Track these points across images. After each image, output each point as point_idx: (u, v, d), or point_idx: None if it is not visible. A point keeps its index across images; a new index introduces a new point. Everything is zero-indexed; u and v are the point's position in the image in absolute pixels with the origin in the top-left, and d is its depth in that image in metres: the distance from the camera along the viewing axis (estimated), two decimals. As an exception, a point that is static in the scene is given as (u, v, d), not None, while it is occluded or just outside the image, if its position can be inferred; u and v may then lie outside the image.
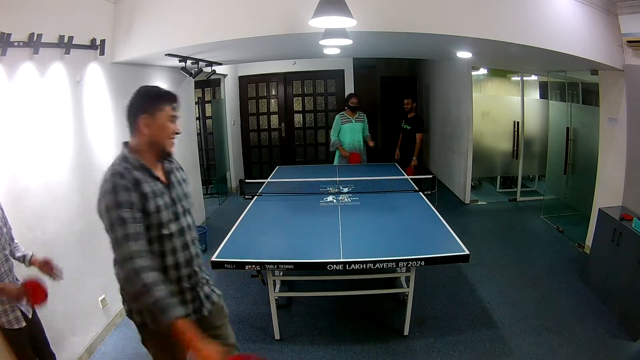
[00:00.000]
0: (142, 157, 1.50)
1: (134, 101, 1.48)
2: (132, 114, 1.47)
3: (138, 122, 1.46)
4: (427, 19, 2.53)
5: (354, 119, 5.20)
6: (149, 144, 1.50)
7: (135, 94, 1.48)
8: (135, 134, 1.50)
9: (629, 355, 2.53)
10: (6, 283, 1.76)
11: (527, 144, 5.61)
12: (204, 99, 6.49)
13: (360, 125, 5.20)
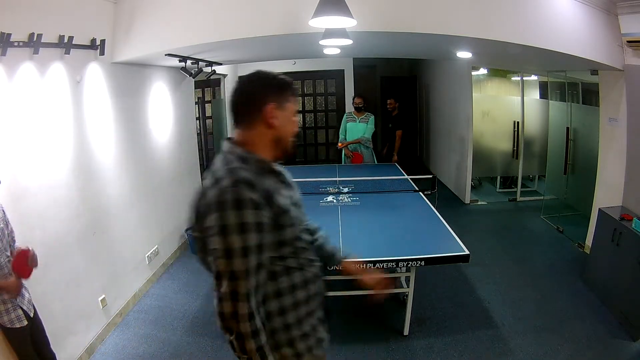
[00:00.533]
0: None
1: (256, 87, 1.18)
2: (252, 102, 1.16)
3: (264, 113, 1.15)
4: (427, 19, 2.53)
5: (358, 119, 5.23)
6: (274, 140, 1.18)
7: (255, 79, 1.19)
8: (254, 128, 1.16)
9: (629, 355, 2.53)
10: (5, 280, 1.76)
11: (527, 144, 5.61)
12: (204, 99, 6.48)
13: (363, 126, 5.18)
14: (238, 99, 1.18)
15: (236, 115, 1.18)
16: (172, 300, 3.38)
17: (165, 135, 4.07)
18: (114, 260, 3.06)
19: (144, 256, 3.54)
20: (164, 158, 4.04)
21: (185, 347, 2.75)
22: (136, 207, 3.42)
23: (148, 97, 3.70)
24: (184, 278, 3.76)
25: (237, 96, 1.18)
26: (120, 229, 3.16)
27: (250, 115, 1.16)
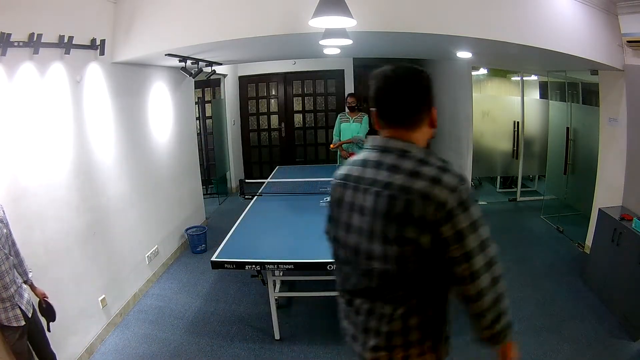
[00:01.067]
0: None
1: (425, 87, 1.08)
2: (422, 102, 1.08)
3: (432, 113, 1.10)
4: (427, 19, 2.53)
5: (352, 119, 5.15)
6: (429, 139, 1.14)
7: (423, 78, 1.08)
8: (420, 127, 1.09)
9: (629, 355, 2.53)
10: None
11: (527, 144, 5.60)
12: (204, 99, 6.48)
13: (357, 126, 5.10)
14: (414, 97, 1.07)
15: (406, 114, 1.07)
16: (172, 300, 3.38)
17: (165, 135, 4.07)
18: (114, 260, 3.06)
19: (144, 256, 3.54)
20: (164, 158, 4.04)
21: (185, 347, 2.75)
22: (136, 207, 3.42)
23: (148, 97, 3.70)
24: (184, 278, 3.76)
25: (411, 95, 1.07)
26: (120, 229, 3.16)
27: (421, 115, 1.08)
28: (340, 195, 1.15)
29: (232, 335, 2.86)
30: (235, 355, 2.65)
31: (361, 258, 1.09)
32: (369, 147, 1.13)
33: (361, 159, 1.13)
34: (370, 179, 1.06)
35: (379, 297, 1.10)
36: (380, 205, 1.02)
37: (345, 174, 1.15)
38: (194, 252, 4.32)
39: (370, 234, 1.05)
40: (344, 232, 1.14)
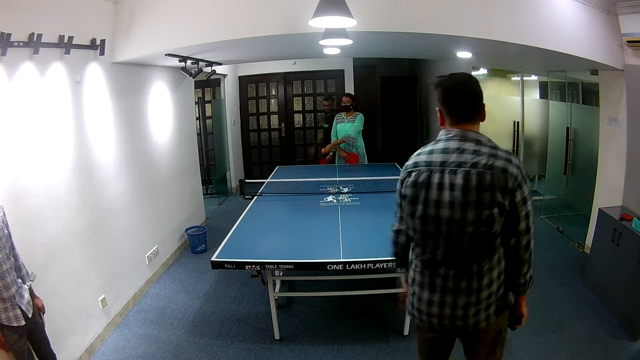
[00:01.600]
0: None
1: (480, 90, 1.42)
2: (481, 101, 1.41)
3: (484, 111, 1.42)
4: (427, 19, 2.53)
5: (347, 119, 5.16)
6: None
7: (478, 82, 1.43)
8: (478, 121, 1.42)
9: (629, 355, 2.53)
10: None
11: (527, 144, 5.60)
12: (204, 99, 6.49)
13: (350, 126, 5.10)
14: (477, 98, 1.40)
15: (473, 111, 1.40)
16: (172, 300, 3.38)
17: (165, 135, 4.07)
18: (114, 260, 3.06)
19: (144, 256, 3.54)
20: (164, 158, 4.04)
21: (185, 347, 2.75)
22: (136, 207, 3.42)
23: (148, 97, 3.70)
24: (184, 278, 3.76)
25: (475, 96, 1.40)
26: (120, 229, 3.16)
27: (481, 112, 1.41)
28: (427, 178, 1.37)
29: (232, 335, 2.86)
30: (235, 355, 2.65)
31: (455, 226, 1.34)
32: (445, 138, 1.40)
33: (440, 147, 1.39)
34: (456, 162, 1.33)
35: (467, 260, 1.38)
36: (472, 180, 1.30)
37: (426, 161, 1.39)
38: (194, 252, 4.32)
39: (464, 204, 1.32)
40: (434, 208, 1.36)
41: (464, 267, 1.38)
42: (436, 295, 1.44)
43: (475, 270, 1.38)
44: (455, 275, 1.40)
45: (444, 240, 1.38)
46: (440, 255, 1.40)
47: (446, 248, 1.38)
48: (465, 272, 1.39)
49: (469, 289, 1.39)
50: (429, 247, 1.42)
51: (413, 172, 1.42)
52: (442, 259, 1.40)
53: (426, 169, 1.38)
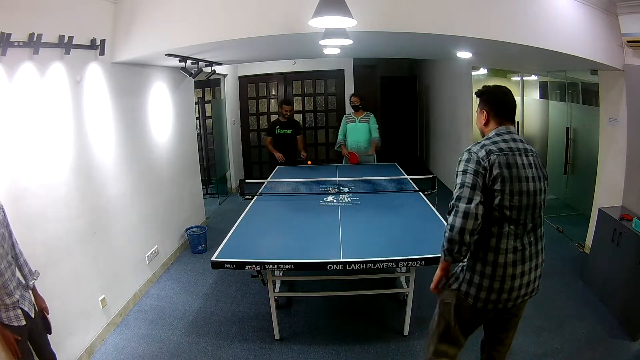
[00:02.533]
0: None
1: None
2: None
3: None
4: (427, 19, 2.53)
5: (358, 119, 5.18)
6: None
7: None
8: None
9: (629, 355, 2.53)
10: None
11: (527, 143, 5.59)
12: (204, 99, 6.49)
13: (364, 126, 5.13)
14: (515, 105, 1.77)
15: (513, 115, 1.77)
16: (172, 300, 3.38)
17: (165, 135, 4.07)
18: (114, 260, 3.06)
19: (144, 256, 3.54)
20: (164, 158, 4.04)
21: (185, 347, 2.75)
22: (136, 207, 3.42)
23: (148, 97, 3.71)
24: (184, 278, 3.76)
25: (514, 103, 1.77)
26: (120, 229, 3.16)
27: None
28: (512, 159, 1.62)
29: (232, 335, 2.86)
30: (235, 355, 2.65)
31: (538, 195, 1.65)
32: (506, 131, 1.72)
33: (508, 137, 1.69)
34: (523, 148, 1.68)
35: (540, 224, 1.71)
36: (538, 161, 1.70)
37: (508, 147, 1.65)
38: (194, 252, 4.32)
39: (539, 178, 1.68)
40: (524, 183, 1.62)
41: (537, 231, 1.71)
42: (527, 265, 1.68)
43: (540, 233, 1.72)
44: (535, 241, 1.70)
45: (533, 209, 1.65)
46: (529, 224, 1.65)
47: (532, 217, 1.66)
48: (539, 236, 1.72)
49: (542, 249, 1.74)
50: (523, 219, 1.64)
51: (500, 155, 1.62)
52: (530, 228, 1.66)
53: (510, 152, 1.63)
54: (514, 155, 1.63)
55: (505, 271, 1.65)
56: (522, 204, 1.62)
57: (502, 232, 1.64)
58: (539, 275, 1.75)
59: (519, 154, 1.64)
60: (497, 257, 1.65)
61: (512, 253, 1.65)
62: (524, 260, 1.67)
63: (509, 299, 1.69)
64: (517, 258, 1.66)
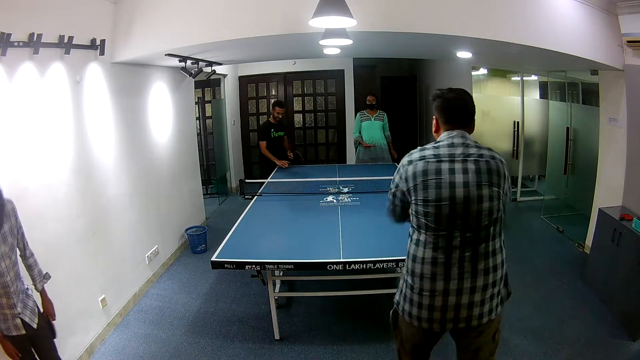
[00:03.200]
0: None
1: (474, 103, 1.62)
2: (474, 112, 1.61)
3: (474, 122, 1.62)
4: (427, 19, 2.53)
5: (373, 117, 5.43)
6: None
7: (470, 95, 1.63)
8: (471, 130, 1.61)
9: (629, 355, 2.53)
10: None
11: (527, 144, 5.60)
12: (204, 99, 6.48)
13: (378, 124, 5.41)
14: (472, 109, 1.60)
15: (468, 119, 1.59)
16: (172, 300, 3.38)
17: (165, 135, 4.07)
18: (114, 260, 3.06)
19: (144, 256, 3.54)
20: (164, 158, 4.04)
21: (185, 347, 2.75)
22: (136, 207, 3.42)
23: (148, 97, 3.70)
24: (184, 278, 3.76)
25: (471, 107, 1.60)
26: (120, 229, 3.16)
27: (473, 122, 1.61)
28: (437, 166, 1.49)
29: (232, 335, 2.86)
30: (235, 355, 2.65)
31: (472, 203, 1.45)
32: (447, 136, 1.55)
33: (445, 143, 1.53)
34: (464, 153, 1.50)
35: (484, 238, 1.47)
36: (482, 166, 1.48)
37: (434, 154, 1.52)
38: (194, 252, 4.32)
39: (478, 183, 1.46)
40: (448, 190, 1.46)
41: (480, 247, 1.47)
42: (455, 283, 1.47)
43: (490, 249, 1.48)
44: (472, 257, 1.46)
45: (461, 220, 1.45)
46: (457, 236, 1.46)
47: (463, 228, 1.45)
48: (482, 253, 1.47)
49: (487, 269, 1.48)
50: (443, 230, 1.47)
51: (420, 162, 1.51)
52: (459, 241, 1.46)
53: (435, 159, 1.50)
54: (440, 161, 1.48)
55: (422, 284, 1.51)
56: (441, 212, 1.45)
57: (419, 239, 1.53)
58: (491, 297, 1.50)
59: (449, 159, 1.48)
60: (414, 266, 1.54)
61: (429, 264, 1.49)
62: (448, 277, 1.47)
63: (444, 319, 1.51)
64: (438, 272, 1.48)
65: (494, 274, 1.49)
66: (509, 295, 1.61)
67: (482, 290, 1.48)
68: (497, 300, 1.54)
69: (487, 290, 1.49)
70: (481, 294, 1.48)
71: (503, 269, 1.53)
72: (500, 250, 1.52)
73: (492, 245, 1.49)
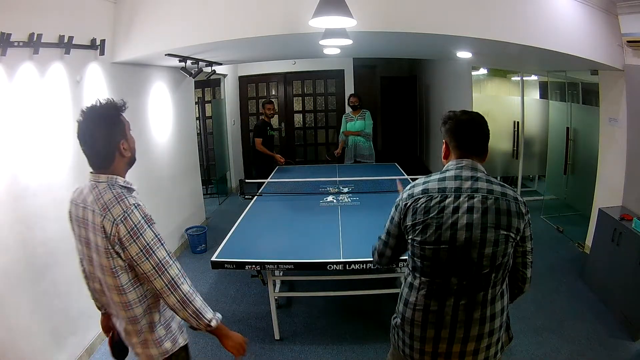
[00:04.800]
0: None
1: (488, 127, 1.46)
2: (488, 139, 1.46)
3: (488, 149, 1.48)
4: (427, 19, 2.53)
5: (356, 117, 5.35)
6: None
7: (485, 119, 1.46)
8: (484, 158, 1.46)
9: (629, 355, 2.53)
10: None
11: (527, 144, 5.61)
12: (204, 99, 6.49)
13: (361, 123, 5.32)
14: (487, 135, 1.42)
15: (483, 147, 1.41)
16: (172, 300, 3.37)
17: (165, 135, 4.07)
18: (114, 260, 3.05)
19: (144, 256, 3.53)
20: (164, 158, 4.03)
21: (185, 347, 2.74)
22: (136, 207, 3.41)
23: (148, 97, 3.70)
24: (184, 278, 3.75)
25: (486, 133, 1.42)
26: (120, 229, 3.15)
27: (487, 150, 1.44)
28: (440, 202, 1.32)
29: (232, 335, 2.86)
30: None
31: (473, 248, 1.28)
32: (455, 167, 1.39)
33: (452, 175, 1.37)
34: (472, 188, 1.32)
35: (483, 285, 1.31)
36: (490, 204, 1.29)
37: (439, 187, 1.35)
38: (194, 252, 4.31)
39: (483, 225, 1.28)
40: (449, 231, 1.29)
41: (478, 295, 1.31)
42: (448, 332, 1.33)
43: (489, 296, 1.32)
44: (468, 305, 1.31)
45: (459, 266, 1.29)
46: (455, 282, 1.31)
47: (461, 274, 1.29)
48: (479, 301, 1.31)
49: (483, 318, 1.32)
50: (439, 276, 1.32)
51: (422, 197, 1.34)
52: (456, 288, 1.31)
53: (439, 194, 1.33)
54: (445, 197, 1.31)
55: (412, 329, 1.38)
56: (439, 256, 1.30)
57: (413, 284, 1.39)
58: (487, 347, 1.34)
59: (454, 194, 1.31)
60: (405, 311, 1.40)
61: (421, 312, 1.35)
62: (440, 325, 1.33)
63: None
64: (429, 319, 1.34)
65: (491, 323, 1.33)
66: (511, 340, 1.48)
67: (476, 340, 1.33)
68: (496, 348, 1.38)
69: (483, 340, 1.33)
70: (475, 343, 1.33)
71: (503, 317, 1.37)
72: (501, 297, 1.36)
73: (492, 293, 1.32)
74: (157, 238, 1.28)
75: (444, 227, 1.29)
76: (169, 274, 1.26)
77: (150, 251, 1.25)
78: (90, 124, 1.39)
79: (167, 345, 1.41)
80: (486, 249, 1.27)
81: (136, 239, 1.24)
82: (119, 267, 1.28)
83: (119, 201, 1.28)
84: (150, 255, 1.25)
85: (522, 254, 1.40)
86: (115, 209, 1.26)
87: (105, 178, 1.37)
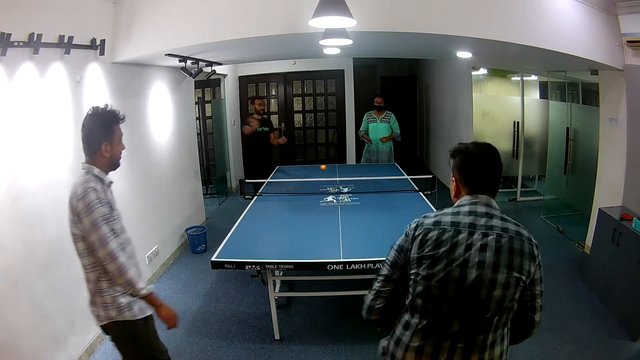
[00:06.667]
0: None
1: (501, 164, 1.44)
2: (502, 172, 1.44)
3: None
4: (427, 19, 2.53)
5: (379, 119, 5.44)
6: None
7: (497, 151, 1.41)
8: (495, 193, 1.43)
9: (629, 355, 2.54)
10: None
11: (527, 144, 5.61)
12: (204, 99, 6.48)
13: (385, 126, 5.43)
14: (501, 171, 1.38)
15: (496, 184, 1.37)
16: (172, 300, 3.37)
17: (165, 135, 4.07)
18: (114, 260, 3.05)
19: (144, 256, 3.54)
20: (164, 158, 4.04)
21: (185, 347, 2.75)
22: (136, 207, 3.41)
23: (148, 97, 3.70)
24: (184, 278, 3.76)
25: (500, 168, 1.38)
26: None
27: (500, 182, 1.40)
28: (453, 237, 1.23)
29: (232, 335, 2.86)
30: (235, 355, 2.65)
31: (483, 289, 1.19)
32: (470, 202, 1.29)
33: (467, 210, 1.28)
34: (486, 225, 1.24)
35: (485, 329, 1.22)
36: (504, 244, 1.21)
37: (452, 221, 1.26)
38: (194, 252, 4.32)
39: (495, 266, 1.19)
40: (459, 269, 1.20)
41: (478, 338, 1.21)
42: None
43: (489, 340, 1.22)
44: (466, 348, 1.22)
45: (464, 306, 1.20)
46: (456, 325, 1.21)
47: (464, 315, 1.20)
48: (479, 344, 1.21)
49: None
50: (441, 315, 1.23)
51: (433, 230, 1.25)
52: (456, 331, 1.22)
53: (452, 228, 1.24)
54: (459, 232, 1.23)
55: None
56: (446, 295, 1.21)
57: (410, 323, 1.28)
58: None
59: (469, 231, 1.22)
60: (396, 350, 1.29)
61: (414, 353, 1.25)
62: None
63: None
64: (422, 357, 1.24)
65: None
66: None
67: None
68: None
69: None
70: None
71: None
72: (502, 341, 1.26)
73: (493, 337, 1.22)
74: (103, 217, 1.61)
75: (454, 264, 1.20)
76: (109, 247, 1.62)
77: (97, 226, 1.59)
78: (91, 118, 1.67)
79: (112, 313, 1.72)
80: (495, 290, 1.19)
81: (89, 214, 1.58)
82: (78, 235, 1.65)
83: (83, 183, 1.61)
84: (97, 230, 1.59)
85: (530, 298, 1.27)
86: (79, 189, 1.59)
87: (86, 166, 1.67)
